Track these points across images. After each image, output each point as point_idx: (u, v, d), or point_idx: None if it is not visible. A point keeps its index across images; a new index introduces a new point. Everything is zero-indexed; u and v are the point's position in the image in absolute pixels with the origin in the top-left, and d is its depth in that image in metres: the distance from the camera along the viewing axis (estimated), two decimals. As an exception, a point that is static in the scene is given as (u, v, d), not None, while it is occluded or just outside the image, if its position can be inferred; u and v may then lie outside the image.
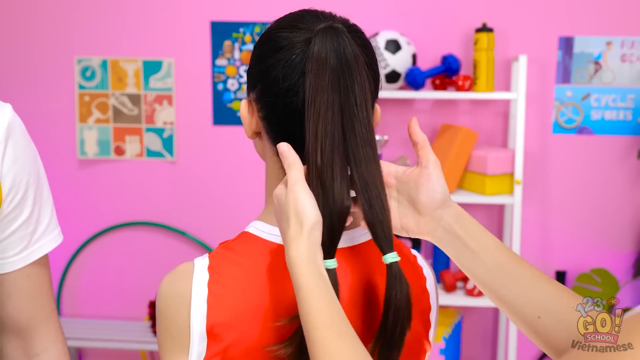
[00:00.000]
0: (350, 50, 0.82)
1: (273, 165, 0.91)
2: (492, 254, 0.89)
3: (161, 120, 3.01)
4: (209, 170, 3.04)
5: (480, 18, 2.87)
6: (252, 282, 0.84)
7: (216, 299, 0.83)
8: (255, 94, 0.88)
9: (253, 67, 0.89)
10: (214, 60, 2.97)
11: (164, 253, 3.10)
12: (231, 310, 0.83)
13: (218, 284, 0.84)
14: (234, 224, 3.04)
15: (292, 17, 0.88)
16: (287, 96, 0.84)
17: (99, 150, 3.04)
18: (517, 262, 0.89)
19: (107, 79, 2.99)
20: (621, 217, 2.93)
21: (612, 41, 2.84)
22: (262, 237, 0.88)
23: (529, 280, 0.88)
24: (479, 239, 0.89)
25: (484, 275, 0.89)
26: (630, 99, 2.87)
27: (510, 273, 0.88)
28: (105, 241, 3.12)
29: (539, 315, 0.87)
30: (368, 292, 0.89)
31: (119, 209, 3.09)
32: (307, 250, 0.77)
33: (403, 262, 0.93)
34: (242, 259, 0.86)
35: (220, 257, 0.86)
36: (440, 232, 0.89)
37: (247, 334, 0.83)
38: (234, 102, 2.99)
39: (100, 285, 3.15)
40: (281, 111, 0.85)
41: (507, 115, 2.92)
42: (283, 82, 0.84)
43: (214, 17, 2.96)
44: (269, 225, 0.89)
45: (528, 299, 0.87)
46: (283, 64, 0.84)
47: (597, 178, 2.92)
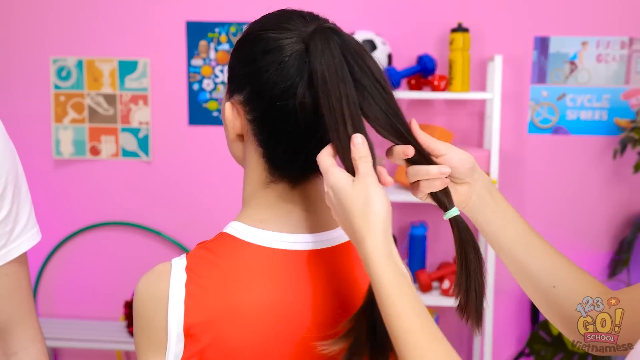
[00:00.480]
0: (355, 41, 0.84)
1: (256, 168, 0.90)
2: (515, 222, 0.92)
3: (137, 120, 3.00)
4: (185, 171, 3.03)
5: (455, 18, 2.86)
6: (230, 283, 0.84)
7: (194, 299, 0.83)
8: (243, 96, 0.87)
9: (239, 69, 0.88)
10: (190, 60, 2.97)
11: (139, 253, 3.09)
12: (209, 311, 0.82)
13: (195, 284, 0.84)
14: (209, 224, 3.02)
15: (276, 17, 0.88)
16: (283, 98, 0.84)
17: (75, 150, 3.03)
18: (534, 232, 0.93)
19: (83, 79, 2.99)
20: (597, 217, 2.92)
21: (587, 41, 2.84)
22: (240, 238, 0.88)
23: (546, 250, 0.91)
24: (505, 207, 0.92)
25: (508, 242, 0.92)
26: (606, 99, 2.86)
27: (530, 241, 0.91)
28: (81, 241, 3.11)
29: (554, 285, 0.89)
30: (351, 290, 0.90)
31: (95, 209, 3.08)
32: (383, 244, 0.77)
33: None
34: (220, 259, 0.86)
35: (198, 258, 0.86)
36: (474, 198, 0.92)
37: (224, 335, 0.82)
38: (209, 102, 2.98)
39: (75, 285, 3.13)
40: (276, 113, 0.85)
41: (482, 115, 2.92)
42: (278, 84, 0.83)
43: (190, 17, 2.95)
44: (248, 226, 0.89)
45: (545, 267, 0.90)
46: (276, 66, 0.83)
47: (573, 178, 2.92)
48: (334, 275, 0.89)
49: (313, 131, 0.86)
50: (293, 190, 0.90)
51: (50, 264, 3.14)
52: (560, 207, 2.93)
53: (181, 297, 0.83)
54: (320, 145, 0.85)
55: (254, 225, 0.89)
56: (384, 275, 0.75)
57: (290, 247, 0.88)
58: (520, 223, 0.93)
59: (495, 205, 0.92)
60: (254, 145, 0.89)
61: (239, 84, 0.88)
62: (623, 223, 2.91)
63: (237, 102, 0.89)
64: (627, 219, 2.91)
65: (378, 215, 0.78)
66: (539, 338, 2.82)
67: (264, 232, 0.88)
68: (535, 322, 2.92)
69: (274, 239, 0.88)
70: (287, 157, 0.88)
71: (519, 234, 0.92)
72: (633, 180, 2.89)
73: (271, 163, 0.89)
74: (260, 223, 0.89)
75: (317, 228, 0.91)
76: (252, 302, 0.84)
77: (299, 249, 0.89)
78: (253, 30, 0.88)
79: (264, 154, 0.89)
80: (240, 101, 0.88)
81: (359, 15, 2.89)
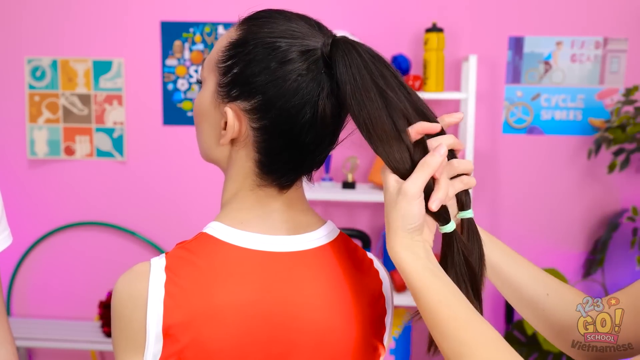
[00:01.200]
0: (374, 50, 0.84)
1: (242, 172, 0.90)
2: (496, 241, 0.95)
3: (111, 120, 2.98)
4: (159, 170, 3.01)
5: (430, 18, 2.85)
6: (209, 283, 0.84)
7: (173, 299, 0.82)
8: (251, 104, 0.85)
9: (247, 76, 0.85)
10: (164, 60, 2.95)
11: (114, 253, 3.07)
12: (188, 312, 0.82)
13: (175, 284, 0.83)
14: (184, 224, 3.02)
15: (282, 22, 0.86)
16: (302, 109, 0.83)
17: (49, 150, 3.01)
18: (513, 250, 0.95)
19: (57, 79, 2.97)
20: (571, 217, 2.91)
21: (562, 41, 2.82)
22: (220, 239, 0.87)
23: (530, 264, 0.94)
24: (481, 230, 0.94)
25: (500, 259, 0.93)
26: (580, 99, 2.85)
27: (516, 256, 0.94)
28: (55, 241, 3.10)
29: (547, 293, 0.90)
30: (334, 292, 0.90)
31: (69, 209, 3.06)
32: (424, 253, 0.78)
33: (359, 265, 0.94)
34: (199, 260, 0.85)
35: (177, 258, 0.86)
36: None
37: (203, 336, 0.82)
38: (184, 102, 2.96)
39: (50, 285, 3.12)
40: (290, 123, 0.84)
41: None
42: (297, 95, 0.83)
43: (164, 17, 2.93)
44: (228, 227, 0.88)
45: (538, 278, 0.92)
46: (295, 77, 0.83)
47: (547, 178, 2.90)
48: (315, 277, 0.89)
49: (323, 142, 0.87)
50: (279, 194, 0.90)
51: (25, 264, 3.12)
52: (535, 207, 2.92)
53: (160, 297, 0.82)
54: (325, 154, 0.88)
55: (234, 226, 0.88)
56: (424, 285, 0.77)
57: (271, 249, 0.87)
58: (499, 242, 0.96)
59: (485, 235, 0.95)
60: (247, 151, 0.88)
61: (245, 91, 0.85)
62: (597, 223, 2.90)
63: (240, 109, 0.86)
64: (601, 219, 2.90)
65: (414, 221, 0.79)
66: (513, 338, 2.82)
67: (244, 233, 0.87)
68: (509, 322, 2.91)
69: (254, 240, 0.87)
70: (288, 166, 0.87)
71: (506, 251, 0.94)
72: (607, 181, 2.88)
73: (265, 169, 0.88)
74: (241, 224, 0.88)
75: (298, 230, 0.90)
76: (232, 303, 0.83)
77: (279, 251, 0.88)
78: (259, 35, 0.85)
79: (260, 160, 0.88)
80: (246, 108, 0.86)
81: (333, 14, 2.87)
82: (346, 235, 0.96)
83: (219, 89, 0.87)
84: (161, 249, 3.04)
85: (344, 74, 0.81)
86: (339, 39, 0.84)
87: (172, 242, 3.01)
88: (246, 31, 0.87)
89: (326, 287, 0.89)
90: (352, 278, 0.91)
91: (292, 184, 0.89)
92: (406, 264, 0.78)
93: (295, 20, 0.86)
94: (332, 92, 0.84)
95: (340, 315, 0.88)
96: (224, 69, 0.87)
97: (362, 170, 2.96)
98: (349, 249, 0.94)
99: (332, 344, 0.88)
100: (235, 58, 0.86)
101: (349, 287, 0.89)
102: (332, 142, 0.88)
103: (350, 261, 0.92)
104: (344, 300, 0.89)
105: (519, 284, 0.93)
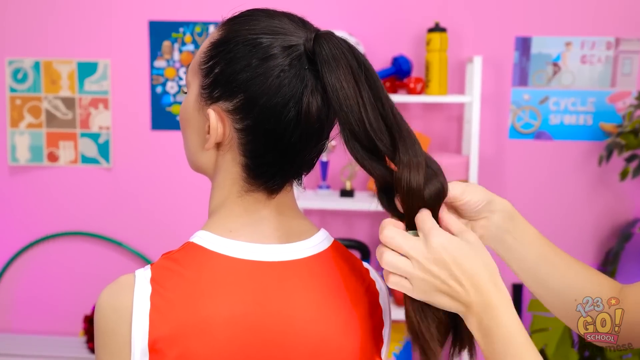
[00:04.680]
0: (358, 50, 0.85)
1: (229, 177, 0.89)
2: (534, 246, 0.95)
3: (97, 125, 2.96)
4: (147, 178, 2.99)
5: (432, 17, 2.81)
6: (197, 295, 0.83)
7: (159, 313, 0.82)
8: (233, 104, 0.85)
9: (228, 75, 0.85)
10: (152, 62, 2.93)
11: (99, 265, 3.05)
12: (175, 325, 0.81)
13: (161, 297, 0.83)
14: (173, 234, 3.00)
15: (264, 19, 0.87)
16: (285, 107, 0.83)
17: (31, 157, 2.99)
18: (555, 250, 0.96)
19: (40, 81, 2.95)
20: (581, 228, 2.87)
21: (571, 41, 2.79)
22: (208, 248, 0.87)
23: (567, 267, 0.95)
24: (526, 233, 0.95)
25: (530, 268, 0.95)
26: (591, 103, 2.82)
27: (552, 262, 0.95)
28: (38, 252, 3.07)
29: (575, 299, 0.93)
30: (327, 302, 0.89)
31: (53, 218, 3.04)
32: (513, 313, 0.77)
33: (354, 275, 0.93)
34: (186, 270, 0.85)
35: (163, 269, 0.85)
36: (493, 230, 0.93)
37: (191, 350, 0.81)
38: (173, 106, 2.95)
39: (32, 298, 3.10)
40: (274, 122, 0.84)
41: (461, 119, 2.86)
42: (279, 92, 0.83)
43: (152, 17, 2.91)
44: (216, 236, 0.88)
45: (567, 284, 0.94)
46: (277, 73, 0.83)
47: (556, 186, 2.87)
48: (308, 288, 0.88)
49: (310, 141, 0.86)
50: (268, 200, 0.89)
51: (6, 277, 3.09)
52: (543, 217, 2.88)
53: (146, 310, 0.82)
54: (314, 155, 0.88)
55: (223, 235, 0.88)
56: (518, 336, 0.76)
57: (261, 258, 0.87)
58: (539, 246, 0.96)
59: (515, 235, 0.95)
60: (233, 155, 0.88)
61: (227, 90, 0.86)
62: (609, 233, 2.87)
63: (223, 110, 0.86)
64: (613, 229, 2.86)
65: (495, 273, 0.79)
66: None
67: (232, 242, 0.87)
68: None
69: (243, 250, 0.86)
70: (274, 168, 0.87)
71: (539, 258, 0.95)
72: (619, 189, 2.84)
73: (252, 173, 0.88)
74: (229, 232, 0.88)
75: (290, 238, 0.90)
76: (221, 316, 0.83)
77: (270, 260, 0.87)
78: (241, 33, 0.86)
79: (246, 163, 0.87)
80: (229, 109, 0.86)
81: (330, 13, 2.84)
82: (340, 244, 0.96)
83: (202, 91, 0.88)
84: (149, 260, 3.02)
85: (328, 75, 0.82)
86: (322, 33, 0.84)
87: (159, 253, 3.01)
88: (227, 30, 0.88)
89: (320, 299, 0.88)
90: (347, 288, 0.90)
91: (280, 188, 0.89)
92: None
93: (278, 17, 0.87)
94: (317, 89, 0.84)
95: (335, 327, 0.87)
96: (206, 70, 0.87)
97: (361, 178, 2.92)
98: (344, 257, 0.93)
99: (327, 358, 0.87)
100: (217, 58, 0.86)
101: (343, 298, 0.89)
102: (320, 141, 0.87)
103: (345, 271, 0.92)
104: (339, 312, 0.88)
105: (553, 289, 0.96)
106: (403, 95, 2.67)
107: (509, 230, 0.93)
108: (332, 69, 0.81)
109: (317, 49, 0.83)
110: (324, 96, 0.84)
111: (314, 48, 0.83)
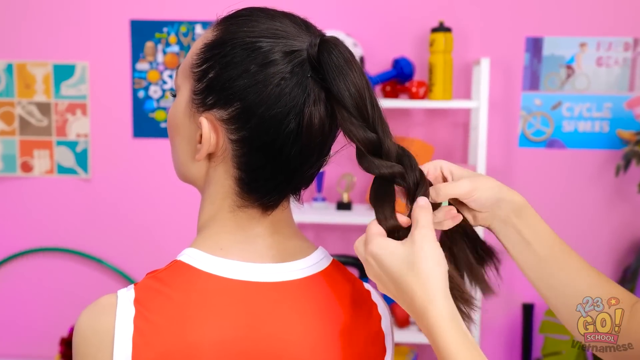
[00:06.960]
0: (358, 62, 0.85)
1: (221, 191, 0.87)
2: (545, 244, 0.94)
3: (74, 132, 2.93)
4: (129, 189, 2.96)
5: (436, 16, 2.78)
6: (184, 318, 0.81)
7: (143, 337, 0.80)
8: (229, 113, 0.82)
9: (224, 81, 0.83)
10: (134, 64, 2.90)
11: (77, 284, 3.00)
12: (160, 350, 0.79)
13: (145, 320, 0.80)
14: (158, 251, 2.96)
15: (265, 21, 0.84)
16: (286, 117, 0.81)
17: (4, 166, 2.96)
18: (567, 251, 0.95)
19: (13, 85, 2.92)
20: (596, 242, 2.82)
21: (586, 42, 2.75)
22: (196, 267, 0.84)
23: (576, 270, 0.93)
24: (533, 229, 0.94)
25: (535, 265, 0.94)
26: (607, 108, 2.77)
27: (560, 262, 0.93)
28: (11, 270, 3.03)
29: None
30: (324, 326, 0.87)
31: (27, 233, 3.00)
32: (449, 309, 0.76)
33: (355, 298, 0.92)
34: (173, 291, 0.82)
35: (147, 289, 0.83)
36: (496, 224, 0.94)
37: None
38: (156, 112, 2.91)
39: (4, 319, 3.04)
40: (273, 134, 0.82)
41: (467, 126, 2.82)
42: (279, 101, 0.81)
43: (134, 15, 2.88)
44: (205, 254, 0.85)
45: (573, 287, 0.93)
46: (278, 81, 0.81)
47: (570, 198, 2.83)
48: (304, 311, 0.86)
49: (310, 156, 0.84)
50: (263, 217, 0.87)
51: None
52: (556, 230, 2.79)
53: (129, 333, 0.80)
54: (314, 170, 0.86)
55: (213, 253, 0.86)
56: (450, 345, 0.75)
57: (254, 279, 0.85)
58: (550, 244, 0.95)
59: (524, 229, 0.94)
60: (226, 167, 0.86)
61: (222, 97, 0.83)
62: (627, 248, 2.82)
63: (217, 118, 0.84)
64: (631, 244, 2.80)
65: (442, 273, 0.78)
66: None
67: (223, 260, 0.85)
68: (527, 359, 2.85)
69: (234, 269, 0.85)
70: (271, 183, 0.85)
71: (547, 256, 0.94)
72: (638, 200, 2.79)
73: (246, 188, 0.85)
74: (220, 250, 0.86)
75: (284, 257, 0.88)
76: (210, 341, 0.81)
77: (263, 281, 0.85)
78: (238, 34, 0.83)
79: (240, 177, 0.85)
80: (223, 118, 0.83)
81: (328, 13, 2.81)
82: (340, 264, 0.94)
83: (194, 97, 0.86)
84: (131, 278, 2.97)
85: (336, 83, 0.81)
86: (328, 39, 0.83)
87: (143, 271, 2.96)
88: (224, 31, 0.85)
89: (316, 323, 0.87)
90: (346, 312, 0.89)
91: (277, 204, 0.87)
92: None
93: (280, 18, 0.85)
94: (320, 99, 0.82)
95: (332, 354, 0.86)
96: (198, 74, 0.85)
97: (359, 189, 2.87)
98: (344, 279, 0.92)
99: None
100: (211, 61, 0.84)
101: (342, 322, 0.87)
102: (322, 156, 0.86)
103: (344, 293, 0.90)
104: (337, 337, 0.86)
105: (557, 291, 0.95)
106: (405, 100, 2.63)
107: (515, 225, 0.94)
108: (340, 79, 0.80)
109: (324, 56, 0.81)
110: (327, 107, 0.82)
111: (319, 55, 0.81)
